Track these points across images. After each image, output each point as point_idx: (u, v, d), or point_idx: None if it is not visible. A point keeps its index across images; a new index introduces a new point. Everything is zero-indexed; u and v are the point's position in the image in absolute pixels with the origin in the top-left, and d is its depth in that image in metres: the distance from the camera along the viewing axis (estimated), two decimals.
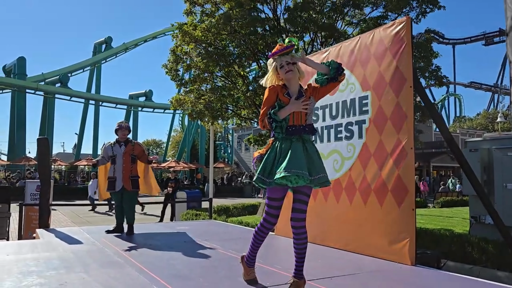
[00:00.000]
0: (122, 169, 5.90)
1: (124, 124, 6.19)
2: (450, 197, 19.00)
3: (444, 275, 3.86)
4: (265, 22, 10.06)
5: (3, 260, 4.08)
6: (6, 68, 37.07)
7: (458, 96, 67.45)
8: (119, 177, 5.89)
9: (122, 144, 6.06)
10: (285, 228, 5.72)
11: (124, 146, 6.04)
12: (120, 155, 5.96)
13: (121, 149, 6.01)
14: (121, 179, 5.88)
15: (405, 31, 4.16)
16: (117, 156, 5.96)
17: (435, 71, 10.33)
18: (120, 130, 6.10)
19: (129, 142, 6.11)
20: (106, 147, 6.17)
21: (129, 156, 5.97)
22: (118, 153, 5.98)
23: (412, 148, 4.05)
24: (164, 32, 43.77)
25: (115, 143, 6.09)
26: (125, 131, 6.12)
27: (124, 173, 5.89)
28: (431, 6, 10.07)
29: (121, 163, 5.92)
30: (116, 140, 6.12)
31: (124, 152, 5.98)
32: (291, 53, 3.06)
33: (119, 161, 5.94)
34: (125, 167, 5.91)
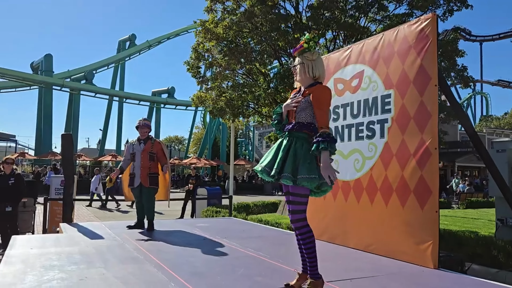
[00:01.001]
0: (140, 166, 6.02)
1: (143, 122, 6.25)
2: (476, 198, 18.51)
3: (468, 279, 3.74)
4: (288, 19, 9.98)
5: (27, 253, 4.18)
6: (34, 65, 38.10)
7: (485, 95, 65.67)
8: (137, 174, 6.02)
9: (142, 141, 6.15)
10: None
11: (143, 144, 6.12)
12: (138, 153, 6.07)
13: (141, 146, 6.11)
14: (139, 175, 6.00)
15: (431, 28, 4.04)
16: (136, 154, 6.08)
17: (461, 71, 10.03)
18: (140, 128, 6.20)
19: (149, 140, 6.18)
20: (128, 146, 6.29)
21: (147, 154, 6.06)
22: (137, 151, 6.09)
23: (436, 149, 3.94)
24: (187, 29, 44.10)
25: (136, 141, 6.21)
26: (144, 129, 6.20)
27: (142, 170, 6.00)
28: (458, 4, 9.78)
29: (139, 160, 6.03)
30: (138, 138, 6.23)
31: (143, 150, 6.08)
32: (298, 55, 3.19)
33: (137, 159, 6.05)
34: (143, 165, 6.01)
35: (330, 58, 5.55)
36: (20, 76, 34.27)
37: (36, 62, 37.88)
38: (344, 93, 5.15)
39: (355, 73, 4.99)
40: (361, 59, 4.92)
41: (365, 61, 4.85)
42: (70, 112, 37.42)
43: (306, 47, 3.11)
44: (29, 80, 35.14)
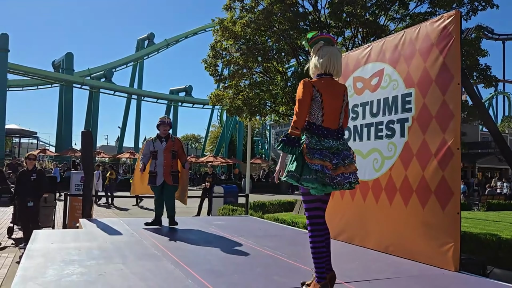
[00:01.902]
0: (163, 164, 5.97)
1: (166, 120, 6.19)
2: (497, 200, 18.11)
3: (490, 283, 3.65)
4: (306, 17, 9.92)
5: (48, 248, 4.25)
6: (55, 64, 38.84)
7: (507, 95, 64.09)
8: (160, 172, 5.96)
9: (163, 139, 6.09)
10: None
11: (165, 142, 6.07)
12: (161, 151, 6.01)
13: (162, 145, 6.04)
14: (162, 174, 5.96)
15: (454, 26, 3.95)
16: (159, 152, 6.01)
17: (484, 70, 9.80)
18: (162, 125, 6.12)
19: (169, 138, 6.13)
20: (147, 143, 6.20)
21: (169, 152, 6.02)
22: (160, 149, 6.02)
23: (458, 149, 3.85)
24: (205, 28, 44.29)
25: (156, 139, 6.13)
26: (166, 127, 6.14)
27: (165, 168, 5.96)
28: (483, 4, 9.55)
29: (162, 159, 5.98)
30: (157, 136, 6.16)
31: (165, 148, 6.02)
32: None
33: (160, 157, 5.99)
34: (166, 163, 5.98)
35: (350, 56, 5.48)
36: (42, 74, 35.00)
37: (57, 60, 38.60)
38: (363, 91, 5.08)
39: (375, 71, 4.92)
40: (381, 57, 4.85)
41: (385, 59, 4.77)
42: (89, 109, 38.04)
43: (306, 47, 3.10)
44: (51, 78, 35.82)
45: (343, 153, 2.89)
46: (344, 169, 2.83)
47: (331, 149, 2.84)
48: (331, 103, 2.92)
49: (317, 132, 2.86)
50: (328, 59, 2.97)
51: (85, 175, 7.04)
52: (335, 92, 2.98)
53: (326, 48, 3.02)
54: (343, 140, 2.97)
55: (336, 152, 2.86)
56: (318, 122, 2.89)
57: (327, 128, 2.89)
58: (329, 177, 2.75)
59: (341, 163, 2.83)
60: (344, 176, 2.82)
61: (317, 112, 2.89)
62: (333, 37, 3.15)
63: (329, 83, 2.96)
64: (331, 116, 2.92)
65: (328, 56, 2.98)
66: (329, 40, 3.07)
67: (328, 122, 2.90)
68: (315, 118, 2.90)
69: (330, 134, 2.88)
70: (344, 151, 2.91)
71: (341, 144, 2.91)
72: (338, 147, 2.88)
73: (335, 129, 2.93)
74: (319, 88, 2.89)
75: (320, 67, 2.99)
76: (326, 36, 3.08)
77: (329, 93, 2.92)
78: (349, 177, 2.86)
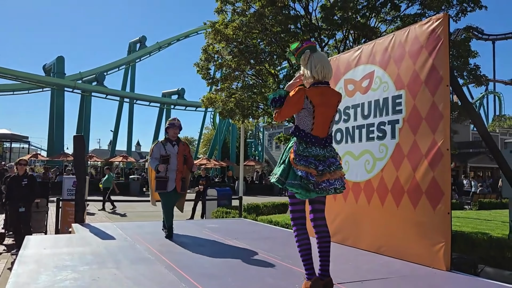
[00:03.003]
0: (176, 170, 5.59)
1: (176, 122, 5.81)
2: (489, 199, 18.29)
3: (481, 282, 3.70)
4: (297, 20, 9.98)
5: (41, 254, 4.23)
6: (46, 67, 38.59)
7: (498, 94, 64.79)
8: (172, 177, 5.56)
9: (175, 143, 5.72)
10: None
11: (176, 145, 5.70)
12: (174, 155, 5.62)
13: (175, 148, 5.67)
14: (174, 180, 5.56)
15: (442, 28, 4.00)
16: (171, 156, 5.61)
17: (474, 70, 9.92)
18: (172, 128, 5.76)
19: (180, 141, 5.79)
20: (157, 146, 5.74)
21: (182, 157, 5.68)
22: (172, 153, 5.63)
23: (448, 150, 3.90)
24: (197, 31, 44.27)
25: (166, 142, 5.72)
26: (176, 129, 5.77)
27: (177, 173, 5.60)
28: (472, 5, 9.67)
29: (175, 163, 5.60)
30: (166, 139, 5.77)
31: (178, 152, 5.66)
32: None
33: (173, 162, 5.59)
34: (179, 168, 5.61)
35: (340, 59, 5.52)
36: (33, 78, 34.74)
37: (48, 64, 38.35)
38: (354, 94, 5.12)
39: (366, 73, 4.97)
40: (371, 60, 4.90)
41: (375, 62, 4.82)
42: (81, 113, 37.81)
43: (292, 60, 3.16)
44: (42, 82, 35.57)
45: (329, 160, 2.97)
46: (329, 175, 2.92)
47: (317, 156, 2.93)
48: (323, 113, 3.00)
49: (305, 139, 2.96)
50: (322, 67, 3.03)
51: (78, 180, 7.02)
52: (330, 101, 3.05)
53: (316, 55, 3.08)
54: (330, 147, 3.06)
55: (322, 159, 2.95)
56: (308, 130, 2.98)
57: (316, 137, 2.98)
58: (313, 183, 2.84)
59: (326, 170, 2.92)
60: (330, 182, 2.92)
61: (308, 121, 2.98)
62: (315, 43, 3.23)
63: (325, 92, 3.03)
64: (321, 125, 3.01)
65: (321, 63, 3.04)
66: (313, 47, 3.14)
67: (317, 131, 2.99)
68: (305, 126, 2.99)
69: (317, 142, 2.98)
70: (330, 158, 3.00)
71: (327, 152, 3.00)
72: (325, 155, 2.98)
73: (323, 137, 3.02)
74: (312, 98, 2.96)
75: (317, 76, 3.04)
76: (310, 44, 3.15)
77: (323, 103, 2.99)
78: (334, 183, 2.94)
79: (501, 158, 4.47)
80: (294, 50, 3.16)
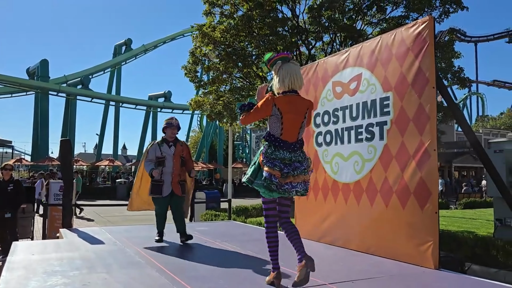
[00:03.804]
0: (172, 172, 5.24)
1: (175, 122, 5.46)
2: (473, 198, 18.62)
3: (469, 279, 3.77)
4: (285, 22, 10.04)
5: (29, 259, 4.18)
6: (30, 71, 38.02)
7: (481, 95, 66.01)
8: (168, 180, 5.22)
9: (171, 144, 5.36)
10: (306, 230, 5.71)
11: (173, 146, 5.34)
12: (170, 157, 5.26)
13: (171, 150, 5.31)
14: (170, 183, 5.22)
15: (428, 31, 4.08)
16: (167, 158, 5.25)
17: (458, 72, 10.12)
18: (169, 128, 5.40)
19: (177, 142, 5.42)
20: (152, 148, 5.38)
21: (179, 158, 5.33)
22: (168, 155, 5.27)
23: (435, 150, 3.97)
24: (183, 33, 44.17)
25: (162, 142, 5.37)
26: (174, 129, 5.42)
27: (174, 176, 5.25)
28: (454, 6, 9.86)
29: (171, 165, 5.25)
30: (164, 139, 5.42)
31: (175, 153, 5.30)
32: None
33: (169, 164, 5.24)
34: (175, 170, 5.27)
35: (328, 62, 5.58)
36: (16, 81, 34.20)
37: (32, 67, 37.81)
38: (342, 96, 5.18)
39: (353, 76, 5.03)
40: (359, 62, 4.96)
41: (363, 64, 4.88)
42: (66, 117, 37.35)
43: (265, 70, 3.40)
44: (26, 85, 35.05)
45: (294, 165, 3.17)
46: (292, 178, 3.13)
47: (284, 160, 3.15)
48: (291, 119, 3.23)
49: (274, 143, 3.19)
50: (290, 77, 3.25)
51: (65, 184, 6.93)
52: (298, 109, 3.28)
53: (285, 66, 3.28)
54: (299, 152, 3.26)
55: (288, 163, 3.16)
56: (277, 135, 3.22)
57: (285, 141, 3.20)
58: (275, 184, 3.08)
59: (290, 173, 3.13)
60: (292, 185, 3.13)
61: (277, 126, 3.23)
62: (288, 54, 3.44)
63: (293, 100, 3.27)
64: (289, 131, 3.23)
65: (289, 74, 3.25)
66: (286, 59, 3.34)
67: (286, 136, 3.22)
68: (275, 131, 3.24)
69: (286, 147, 3.19)
70: (296, 162, 3.19)
71: (294, 156, 3.21)
72: (291, 159, 3.18)
73: (292, 142, 3.23)
74: (280, 106, 3.20)
75: (284, 86, 3.26)
76: (283, 56, 3.36)
77: (291, 110, 3.23)
78: (297, 186, 3.15)
79: (486, 158, 4.56)
80: (267, 61, 3.39)
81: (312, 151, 5.67)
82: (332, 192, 5.26)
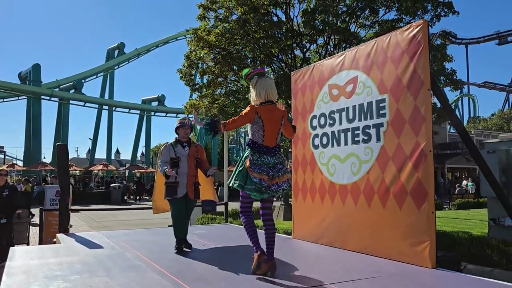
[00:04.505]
0: (187, 173, 5.07)
1: (187, 122, 5.32)
2: (466, 199, 18.79)
3: (466, 278, 3.83)
4: (280, 25, 10.11)
5: (28, 264, 4.17)
6: (22, 75, 37.76)
7: (472, 97, 66.67)
8: (183, 182, 5.04)
9: (185, 144, 5.21)
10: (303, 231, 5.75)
11: (187, 147, 5.19)
12: (184, 158, 5.11)
13: (185, 150, 5.16)
14: (185, 185, 5.04)
15: (422, 34, 4.16)
16: (182, 159, 5.10)
17: (451, 74, 10.26)
18: (182, 128, 5.23)
19: (191, 143, 5.28)
20: (166, 148, 5.22)
21: (193, 159, 5.17)
22: (183, 155, 5.11)
23: (431, 151, 4.04)
24: (176, 37, 44.17)
25: (176, 143, 5.21)
26: (187, 129, 5.25)
27: (189, 178, 5.07)
28: (446, 10, 10.01)
29: (186, 166, 5.08)
30: (177, 140, 5.26)
31: (189, 154, 5.14)
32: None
33: (183, 165, 5.08)
34: (190, 172, 5.09)
35: (324, 65, 5.64)
36: (8, 86, 33.96)
37: (24, 72, 37.54)
38: (339, 98, 5.24)
39: (349, 78, 5.09)
40: (354, 65, 5.02)
41: (358, 67, 4.95)
42: (59, 121, 37.12)
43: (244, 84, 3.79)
44: (17, 90, 34.82)
45: (277, 167, 3.64)
46: (278, 179, 3.60)
47: (268, 164, 3.60)
48: (271, 126, 3.68)
49: (258, 149, 3.61)
50: (266, 90, 3.72)
51: (61, 189, 6.92)
52: (275, 117, 3.72)
53: (261, 80, 3.76)
54: (278, 155, 3.72)
55: (272, 166, 3.61)
56: (260, 141, 3.64)
57: (267, 146, 3.64)
58: (265, 186, 3.54)
59: (276, 175, 3.59)
60: (278, 185, 3.61)
61: (259, 134, 3.65)
62: (264, 70, 3.96)
63: (271, 109, 3.71)
64: (270, 137, 3.68)
65: (265, 87, 3.72)
66: (261, 74, 3.83)
67: (268, 141, 3.66)
68: (258, 138, 3.65)
69: (268, 151, 3.64)
70: (279, 165, 3.66)
71: (276, 159, 3.67)
72: (274, 162, 3.64)
73: (272, 147, 3.68)
74: (261, 114, 3.63)
75: (262, 97, 3.71)
76: (259, 71, 3.84)
77: (270, 118, 3.68)
78: (282, 185, 3.64)
79: (480, 159, 4.64)
80: (245, 76, 3.88)
81: (309, 153, 5.72)
82: (329, 194, 5.31)
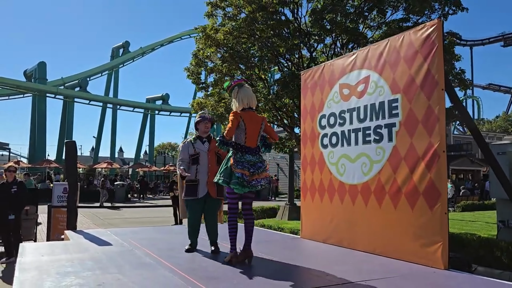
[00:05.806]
0: (208, 170, 4.69)
1: (208, 115, 5.01)
2: (471, 201, 18.71)
3: (479, 279, 3.81)
4: (288, 25, 10.09)
5: (40, 260, 4.18)
6: (27, 73, 37.93)
7: (476, 99, 66.42)
8: (203, 180, 4.68)
9: (205, 140, 4.87)
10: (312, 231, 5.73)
11: (207, 142, 4.84)
12: (204, 153, 4.76)
13: (205, 145, 4.81)
14: (205, 183, 4.67)
15: (437, 34, 4.13)
16: (201, 154, 4.75)
17: (459, 74, 10.21)
18: (203, 122, 4.90)
19: (212, 138, 4.90)
20: (184, 146, 4.92)
21: (214, 155, 4.79)
22: (202, 151, 4.77)
23: (444, 151, 4.02)
24: (181, 36, 44.21)
25: (195, 139, 4.89)
26: (208, 124, 4.93)
27: (210, 175, 4.62)
28: (454, 8, 9.97)
29: (206, 163, 4.72)
30: (197, 136, 4.96)
31: (209, 149, 4.79)
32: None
33: (203, 161, 4.73)
34: (211, 168, 4.69)
35: (335, 64, 5.62)
36: (14, 84, 34.11)
37: (29, 69, 37.72)
38: (350, 98, 5.22)
39: (361, 78, 5.07)
40: (366, 65, 5.00)
41: (371, 67, 4.93)
42: (64, 119, 37.26)
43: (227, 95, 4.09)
44: (23, 88, 34.96)
45: (257, 165, 4.07)
46: (257, 176, 4.03)
47: (250, 162, 4.03)
48: (252, 129, 4.12)
49: (241, 150, 4.05)
50: (247, 98, 4.19)
51: (69, 186, 6.93)
52: (255, 121, 4.17)
53: (242, 90, 4.23)
54: (258, 155, 4.16)
55: (253, 164, 4.04)
56: (242, 143, 4.08)
57: (248, 147, 4.08)
58: (246, 181, 3.95)
59: (256, 172, 4.02)
60: (257, 181, 4.02)
61: (242, 136, 4.09)
62: (242, 80, 4.41)
63: (252, 115, 4.18)
64: (251, 138, 4.11)
65: (246, 96, 4.20)
66: (241, 84, 4.29)
67: (249, 142, 4.09)
68: (240, 140, 4.09)
69: (249, 151, 4.07)
70: (258, 163, 4.09)
71: (256, 158, 4.10)
72: (255, 161, 4.07)
73: (253, 148, 4.12)
74: (244, 119, 4.09)
75: (244, 104, 4.17)
76: (238, 82, 4.32)
77: (251, 122, 4.13)
78: (261, 181, 4.05)
79: (492, 159, 4.62)
80: (227, 88, 4.41)
81: (318, 152, 5.71)
82: (339, 194, 5.29)
